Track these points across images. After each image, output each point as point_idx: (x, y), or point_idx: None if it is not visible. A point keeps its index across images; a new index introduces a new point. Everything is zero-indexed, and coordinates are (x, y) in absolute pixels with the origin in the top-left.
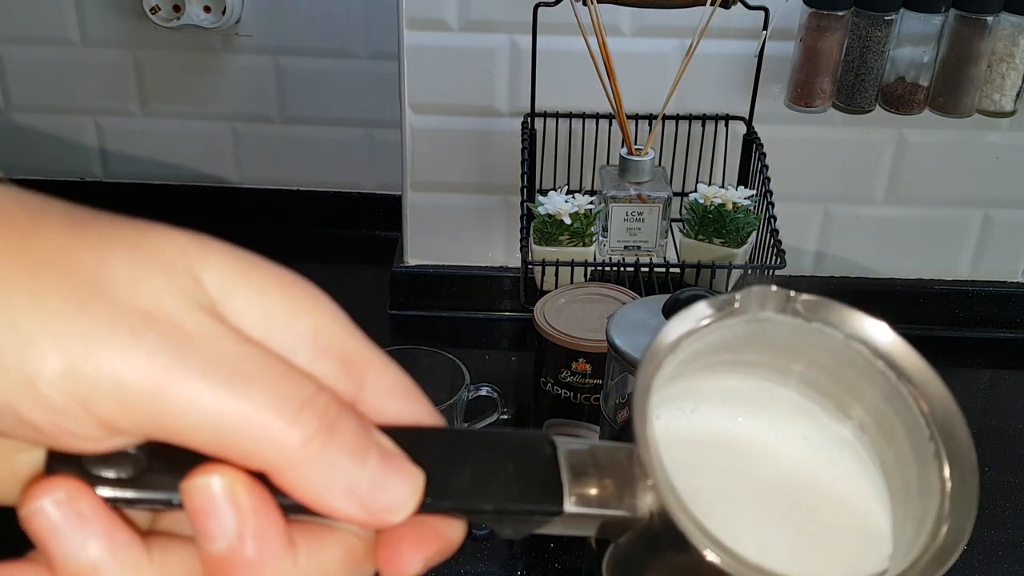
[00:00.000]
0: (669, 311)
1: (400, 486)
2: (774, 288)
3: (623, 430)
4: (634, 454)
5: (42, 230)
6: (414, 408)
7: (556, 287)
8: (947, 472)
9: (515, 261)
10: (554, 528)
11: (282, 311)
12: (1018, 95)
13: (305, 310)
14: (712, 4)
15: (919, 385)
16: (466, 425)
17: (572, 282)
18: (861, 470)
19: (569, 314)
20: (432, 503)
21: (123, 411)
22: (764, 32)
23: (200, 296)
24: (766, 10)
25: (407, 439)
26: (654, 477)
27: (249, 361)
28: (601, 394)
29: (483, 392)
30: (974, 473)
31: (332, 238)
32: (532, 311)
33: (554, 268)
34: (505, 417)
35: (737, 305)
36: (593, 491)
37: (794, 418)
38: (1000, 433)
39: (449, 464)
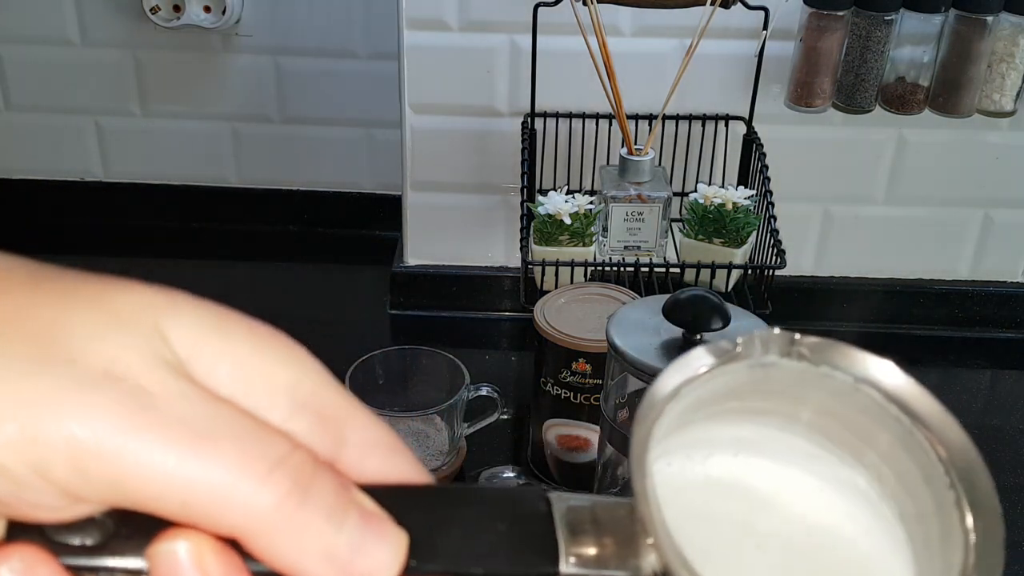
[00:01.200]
0: (669, 311)
1: (382, 549)
2: (777, 331)
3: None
4: (634, 510)
5: (6, 289)
6: (398, 463)
7: (556, 287)
8: (970, 522)
9: (515, 261)
10: None
11: (257, 366)
12: (1018, 95)
13: (281, 364)
14: (712, 4)
15: (935, 430)
16: (466, 425)
17: (572, 282)
18: (880, 522)
19: (569, 314)
20: (417, 566)
21: (82, 478)
22: (764, 32)
23: (165, 353)
24: (766, 10)
25: (390, 497)
26: (654, 534)
27: (216, 420)
28: (601, 394)
29: (483, 392)
30: (999, 524)
31: (332, 238)
32: (532, 311)
33: (554, 268)
34: (505, 417)
35: (739, 350)
36: (592, 551)
37: (809, 468)
38: (1000, 433)
39: (436, 524)
